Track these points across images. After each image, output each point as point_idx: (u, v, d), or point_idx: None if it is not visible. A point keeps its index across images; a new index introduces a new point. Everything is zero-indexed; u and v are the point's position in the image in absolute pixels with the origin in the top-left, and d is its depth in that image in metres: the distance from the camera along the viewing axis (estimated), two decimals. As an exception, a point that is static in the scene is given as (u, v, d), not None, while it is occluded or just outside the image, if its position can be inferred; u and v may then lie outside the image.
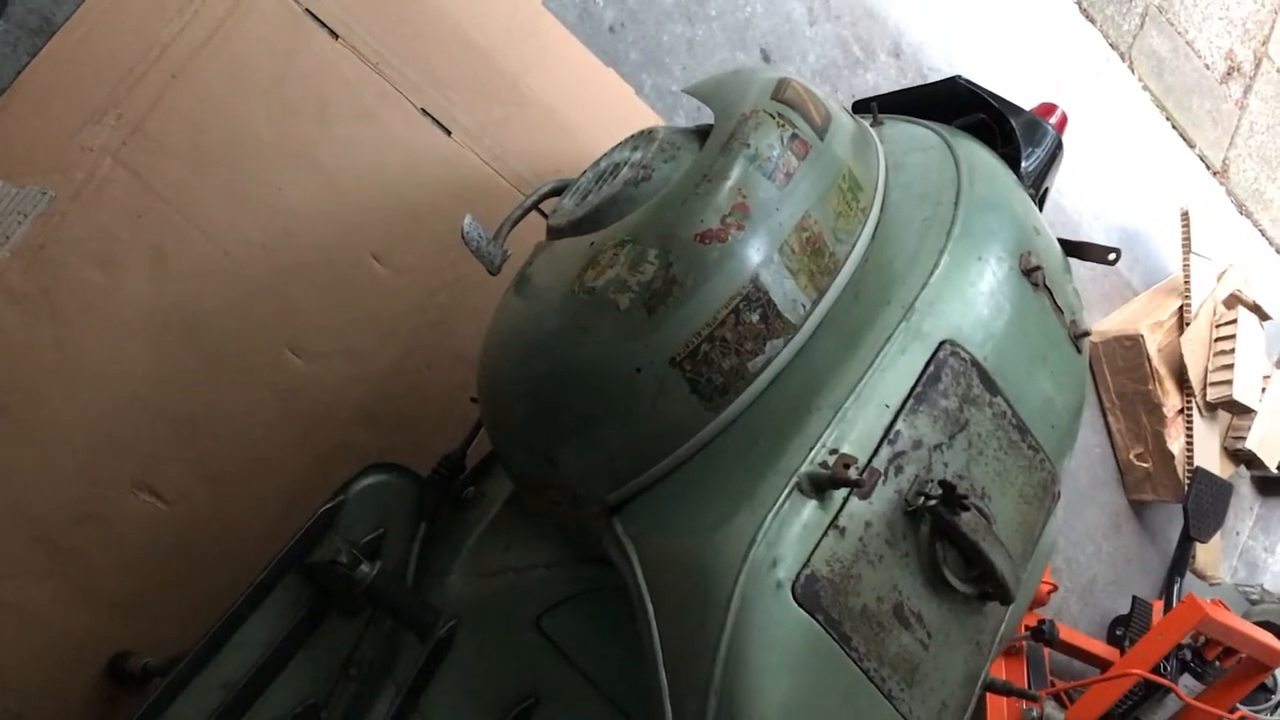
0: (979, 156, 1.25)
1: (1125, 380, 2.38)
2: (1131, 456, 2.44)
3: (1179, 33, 2.68)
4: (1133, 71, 2.56)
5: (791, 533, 0.89)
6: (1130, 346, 2.34)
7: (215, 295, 1.44)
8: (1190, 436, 2.37)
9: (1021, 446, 1.08)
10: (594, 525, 1.05)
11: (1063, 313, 1.17)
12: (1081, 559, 2.42)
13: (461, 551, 1.27)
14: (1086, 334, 1.20)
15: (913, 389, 0.99)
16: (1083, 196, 2.43)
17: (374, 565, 1.19)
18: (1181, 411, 2.40)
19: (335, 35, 1.51)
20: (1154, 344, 2.33)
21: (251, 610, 1.20)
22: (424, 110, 1.57)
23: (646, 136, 1.17)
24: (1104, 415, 2.45)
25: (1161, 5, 2.63)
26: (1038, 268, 1.13)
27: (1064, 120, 1.50)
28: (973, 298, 1.07)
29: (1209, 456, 2.40)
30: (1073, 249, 1.39)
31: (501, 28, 1.64)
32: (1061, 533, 2.38)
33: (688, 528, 0.96)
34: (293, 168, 1.48)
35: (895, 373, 0.99)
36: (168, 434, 1.40)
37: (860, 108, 1.48)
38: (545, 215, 1.22)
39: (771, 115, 1.06)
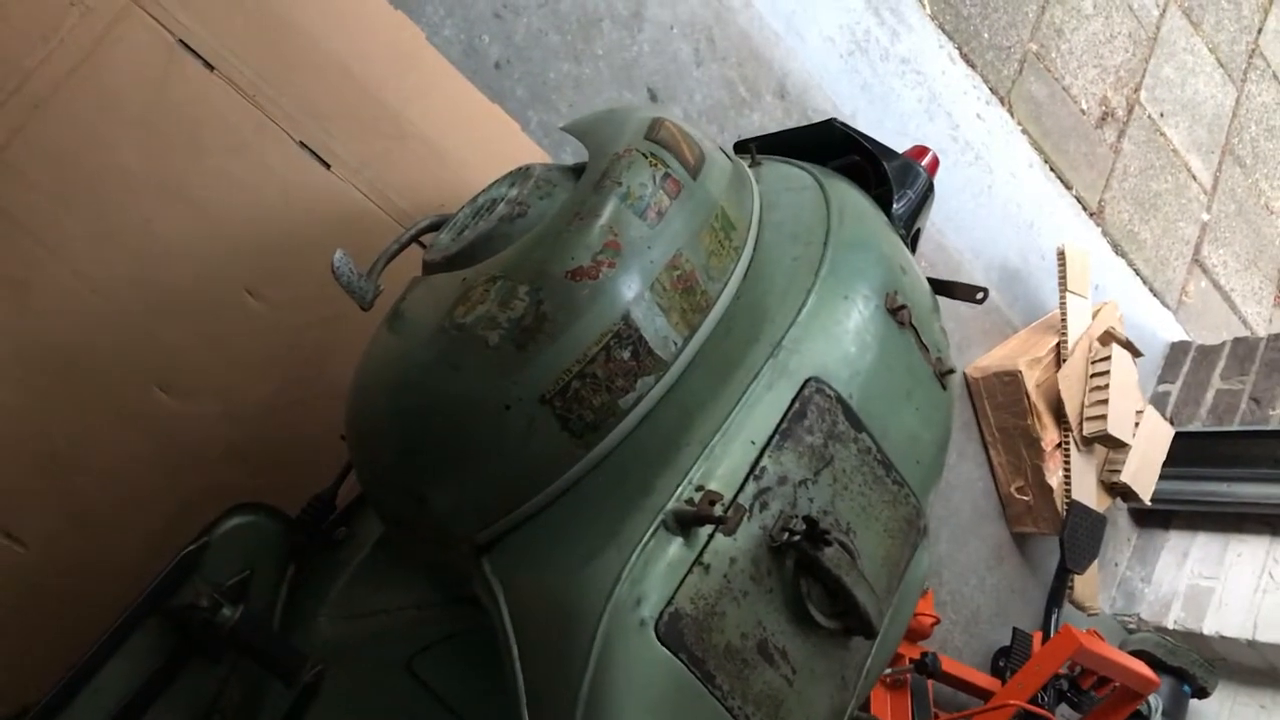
0: (850, 197, 1.27)
1: (1005, 415, 2.44)
2: (1013, 490, 2.50)
3: (1056, 79, 2.77)
4: (1012, 115, 2.64)
5: (656, 570, 0.89)
6: (1009, 382, 2.40)
7: (81, 330, 1.39)
8: (1068, 470, 2.44)
9: (886, 482, 1.09)
10: (463, 565, 1.03)
11: (928, 350, 1.19)
12: (965, 591, 2.46)
13: (330, 593, 1.25)
14: (951, 371, 1.22)
15: (778, 426, 1.00)
16: (964, 235, 2.50)
17: (237, 609, 1.16)
18: (1059, 446, 2.46)
19: (210, 66, 1.48)
20: (1032, 380, 2.39)
21: (107, 657, 1.16)
22: (302, 143, 1.55)
23: (523, 173, 1.17)
24: (985, 449, 2.51)
25: (1039, 52, 2.73)
26: (903, 306, 1.16)
27: (935, 163, 1.54)
28: (839, 336, 1.09)
29: (1086, 490, 2.46)
30: (942, 288, 1.43)
31: (383, 61, 1.63)
32: (945, 565, 2.42)
33: (554, 567, 0.95)
34: (163, 201, 1.45)
35: (762, 410, 1.00)
36: (28, 472, 1.35)
37: (741, 149, 1.51)
38: (425, 249, 1.21)
39: (644, 154, 1.07)
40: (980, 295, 1.43)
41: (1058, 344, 2.48)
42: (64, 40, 1.39)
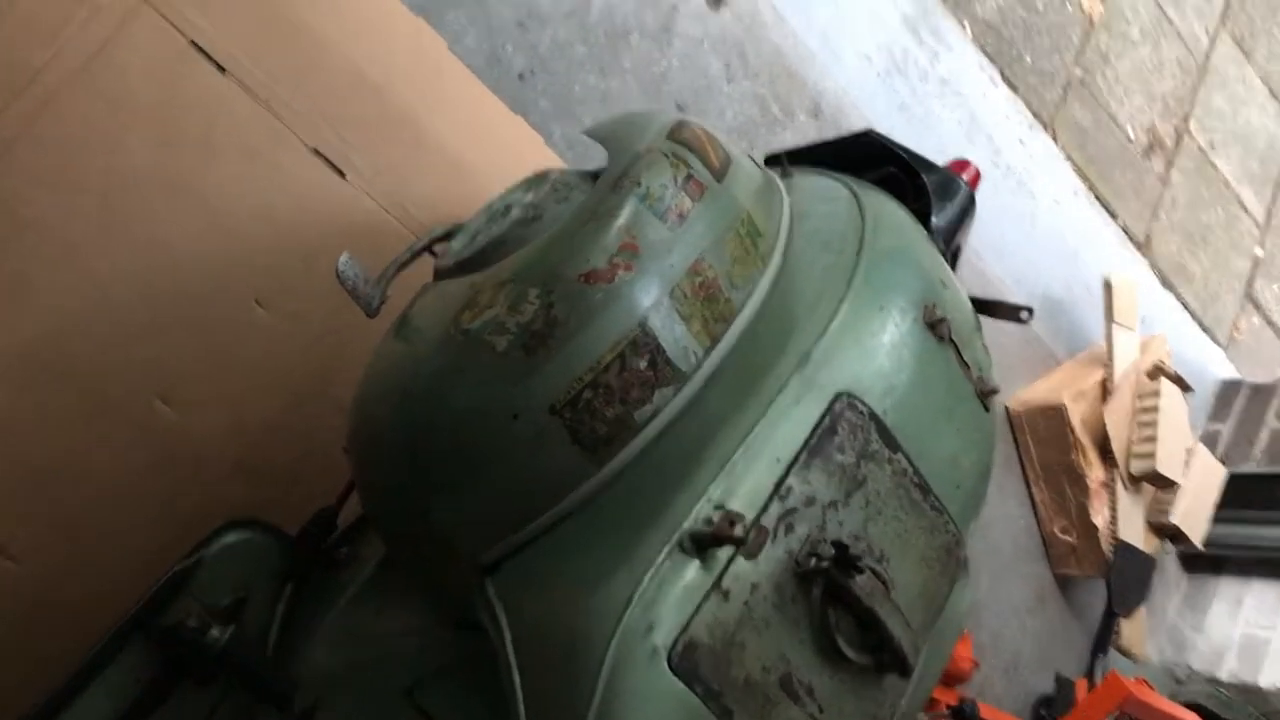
0: (886, 208, 1.22)
1: (1049, 451, 2.35)
2: (1056, 529, 2.40)
3: (1101, 105, 2.70)
4: (1056, 141, 2.57)
5: (671, 595, 0.82)
6: (1053, 417, 2.31)
7: (84, 333, 1.33)
8: (1114, 510, 2.33)
9: (924, 507, 1.01)
10: (467, 586, 0.96)
11: (970, 368, 1.12)
12: (1006, 634, 2.36)
13: (329, 616, 1.18)
14: (994, 391, 1.14)
15: (806, 442, 0.93)
16: (1007, 263, 2.42)
17: (226, 630, 1.09)
18: (1105, 484, 2.36)
19: (222, 69, 1.44)
20: (1077, 414, 2.30)
21: (90, 679, 1.10)
22: (316, 150, 1.50)
23: (540, 178, 1.12)
24: (1028, 487, 2.41)
25: (1084, 78, 2.65)
26: (942, 319, 1.08)
27: (977, 177, 1.48)
28: (872, 349, 1.03)
29: (1133, 530, 2.36)
30: (984, 307, 1.36)
31: (403, 69, 1.58)
32: (985, 606, 2.32)
33: (561, 589, 0.89)
34: (173, 204, 1.40)
35: (788, 425, 0.93)
36: (21, 484, 1.29)
37: (772, 161, 1.45)
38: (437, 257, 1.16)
39: (666, 155, 1.02)
40: (1025, 314, 1.36)
41: (1103, 378, 2.39)
42: (72, 38, 1.35)
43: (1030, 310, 1.33)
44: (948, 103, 2.33)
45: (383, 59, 1.57)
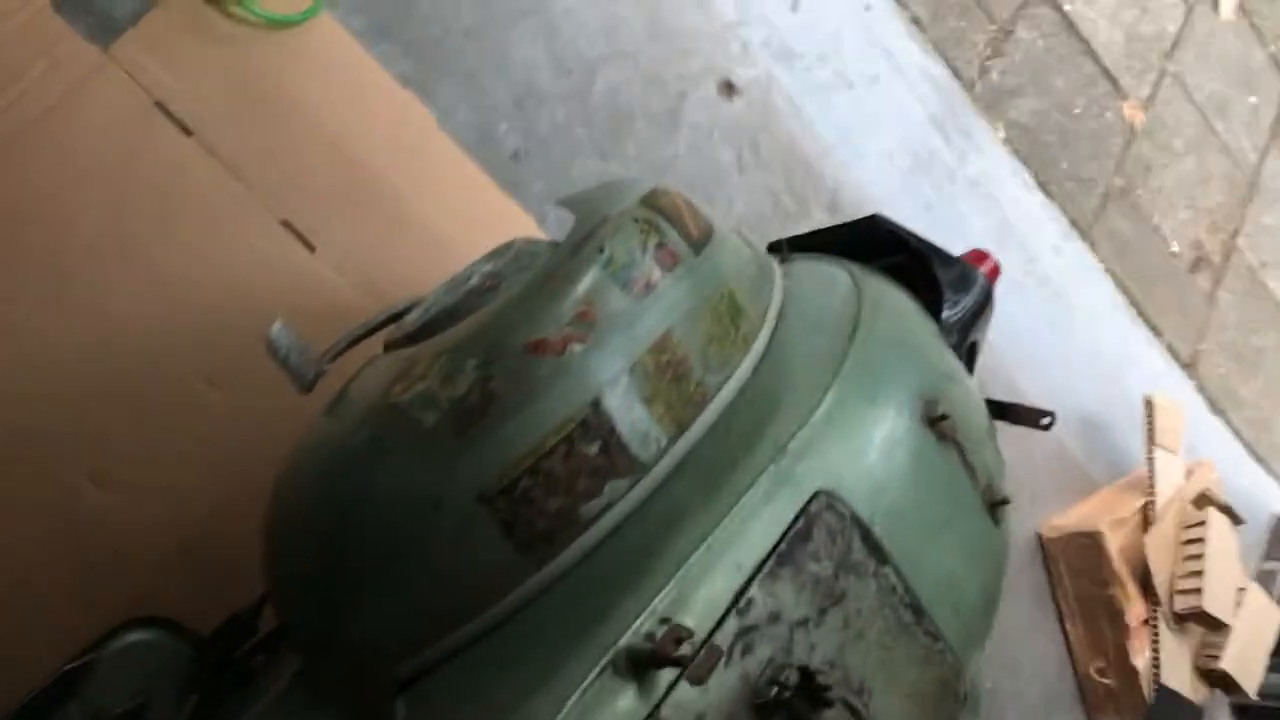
0: (888, 294, 1.10)
1: (1085, 583, 2.16)
2: (1092, 671, 2.19)
3: (1143, 217, 2.57)
4: (1094, 252, 2.44)
5: None
6: (1089, 545, 2.13)
7: (11, 404, 1.23)
8: (1156, 651, 2.13)
9: (915, 631, 0.87)
10: (382, 708, 0.83)
11: (976, 473, 0.97)
12: (1035, 788, 2.14)
13: (235, 733, 1.04)
14: (1004, 502, 1.00)
15: (775, 547, 0.79)
16: (1039, 378, 2.27)
17: (109, 740, 0.95)
18: (1147, 621, 2.16)
19: (188, 131, 1.36)
20: (1115, 543, 2.12)
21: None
22: (284, 222, 1.41)
23: (506, 247, 1.04)
24: (1061, 622, 2.22)
25: (1125, 187, 2.53)
26: (945, 417, 0.95)
27: (996, 270, 1.35)
28: (860, 444, 0.90)
29: (1179, 675, 2.15)
30: (1002, 411, 1.23)
31: (386, 142, 1.49)
32: (1012, 757, 2.10)
33: (476, 713, 0.75)
34: (123, 271, 1.31)
35: (755, 526, 0.80)
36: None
37: (773, 249, 1.34)
38: (395, 330, 1.07)
39: (636, 220, 0.92)
40: (1047, 420, 1.22)
41: (1145, 504, 2.21)
42: (27, 91, 1.28)
43: (1053, 416, 1.20)
44: (977, 205, 2.22)
45: (364, 131, 1.48)
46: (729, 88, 1.85)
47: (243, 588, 1.28)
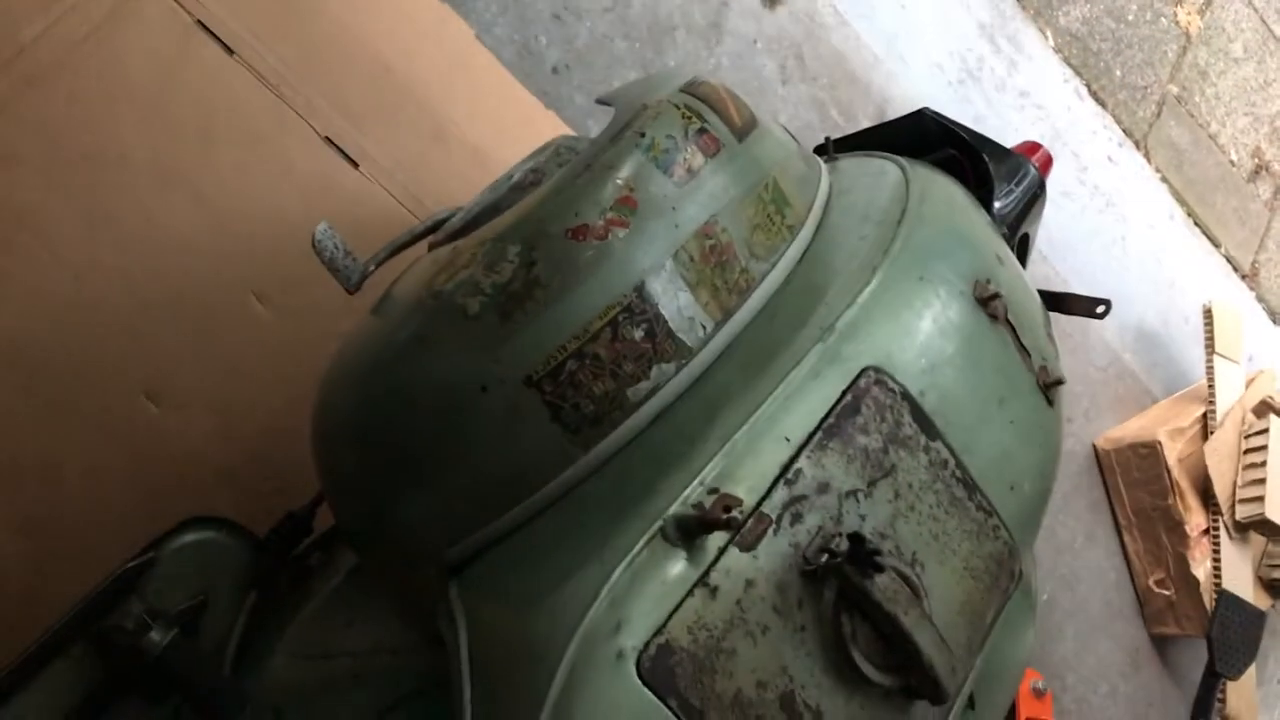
0: (937, 182, 1.08)
1: (1142, 494, 2.12)
2: (1151, 583, 2.16)
3: (1200, 125, 2.49)
4: (1149, 161, 2.37)
5: (646, 591, 0.69)
6: (1147, 455, 2.09)
7: (61, 326, 1.25)
8: (1217, 561, 2.10)
9: (968, 506, 0.86)
10: (435, 594, 0.84)
11: (1029, 354, 0.95)
12: (1094, 700, 2.12)
13: (294, 626, 1.06)
14: (1059, 382, 0.98)
15: (823, 421, 0.79)
16: (1094, 290, 2.19)
17: (167, 634, 0.97)
18: (1207, 531, 2.12)
19: (230, 50, 1.35)
20: (1173, 453, 2.08)
21: (18, 687, 0.98)
22: (328, 139, 1.40)
23: (546, 147, 1.04)
24: (1119, 535, 2.19)
25: (1180, 95, 2.46)
26: (996, 295, 0.93)
27: (1048, 161, 1.33)
28: (908, 321, 0.89)
29: (1240, 585, 2.11)
30: (1055, 301, 1.21)
31: (426, 57, 1.48)
32: (1070, 669, 2.09)
33: (527, 589, 0.76)
34: (167, 191, 1.31)
35: (803, 401, 0.80)
36: (-20, 478, 1.20)
37: (820, 150, 1.32)
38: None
39: (677, 106, 0.90)
40: (1101, 309, 1.20)
41: (1204, 414, 2.16)
42: (68, 13, 1.28)
43: (1108, 303, 1.17)
44: (1027, 115, 2.16)
45: (405, 46, 1.47)
46: (772, -2, 1.82)
47: (297, 497, 1.31)
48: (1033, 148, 1.32)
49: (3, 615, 1.19)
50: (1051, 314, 1.12)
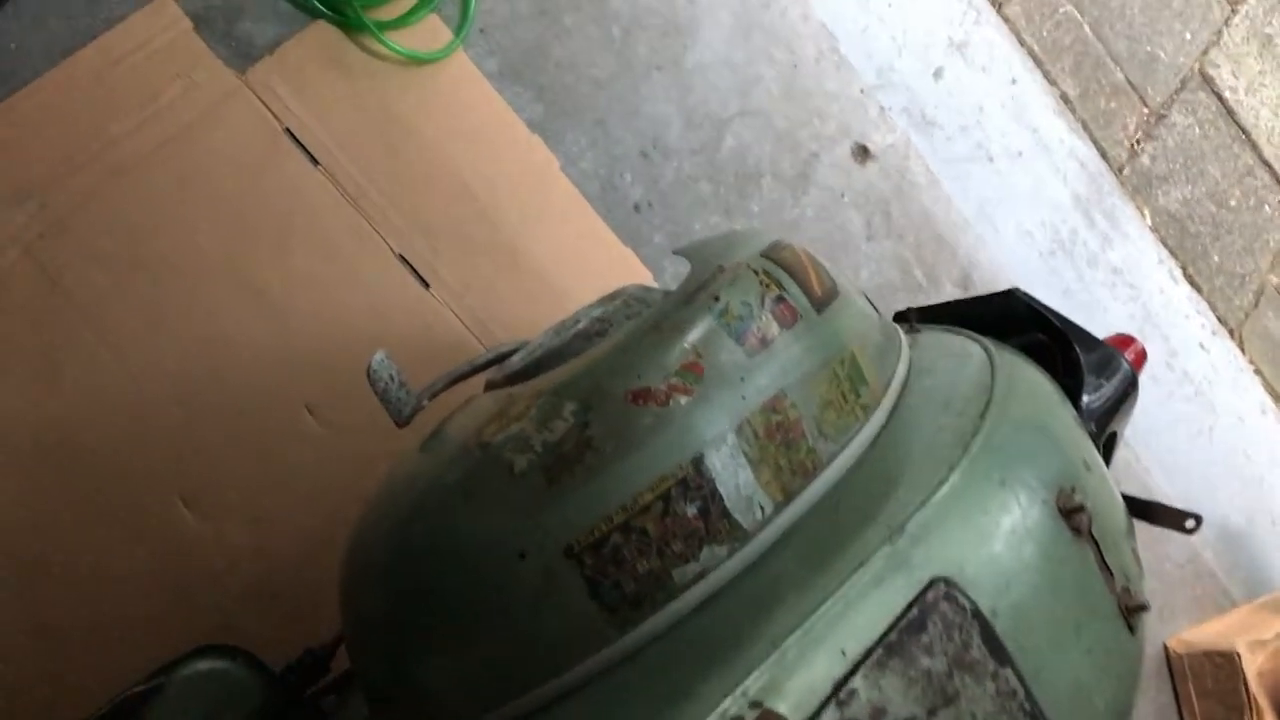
0: (1025, 373, 1.01)
1: (1215, 706, 1.99)
2: (1219, 804, 2.01)
3: (1299, 319, 2.41)
4: (1243, 351, 2.29)
5: None
6: (1223, 665, 1.96)
7: (107, 423, 1.23)
8: (1293, 789, 1.95)
9: (1035, 744, 0.77)
10: None
11: (1113, 576, 0.88)
12: None
13: (298, 777, 0.99)
14: (1143, 608, 0.89)
15: (884, 636, 0.71)
16: (1176, 480, 2.13)
17: (166, 774, 0.91)
18: (1286, 757, 1.98)
19: (315, 160, 1.35)
20: (1253, 666, 1.94)
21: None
22: (401, 256, 1.39)
23: (616, 294, 1.00)
24: (1188, 747, 2.05)
25: (1280, 286, 2.39)
26: (1081, 508, 0.86)
27: (1142, 356, 1.26)
28: (985, 530, 0.81)
29: (1316, 819, 1.96)
30: (1142, 510, 1.13)
31: (509, 184, 1.47)
32: None
33: None
34: (233, 294, 1.30)
35: (864, 610, 0.72)
36: (4, 576, 1.16)
37: (899, 319, 1.28)
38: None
39: (755, 271, 0.85)
40: (1191, 523, 1.11)
41: (1288, 627, 2.04)
42: (160, 112, 1.29)
43: (1198, 519, 1.09)
44: (1119, 294, 2.10)
45: (489, 171, 1.46)
46: (863, 152, 1.79)
47: (323, 621, 1.25)
48: (1126, 340, 1.25)
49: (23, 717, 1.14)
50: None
